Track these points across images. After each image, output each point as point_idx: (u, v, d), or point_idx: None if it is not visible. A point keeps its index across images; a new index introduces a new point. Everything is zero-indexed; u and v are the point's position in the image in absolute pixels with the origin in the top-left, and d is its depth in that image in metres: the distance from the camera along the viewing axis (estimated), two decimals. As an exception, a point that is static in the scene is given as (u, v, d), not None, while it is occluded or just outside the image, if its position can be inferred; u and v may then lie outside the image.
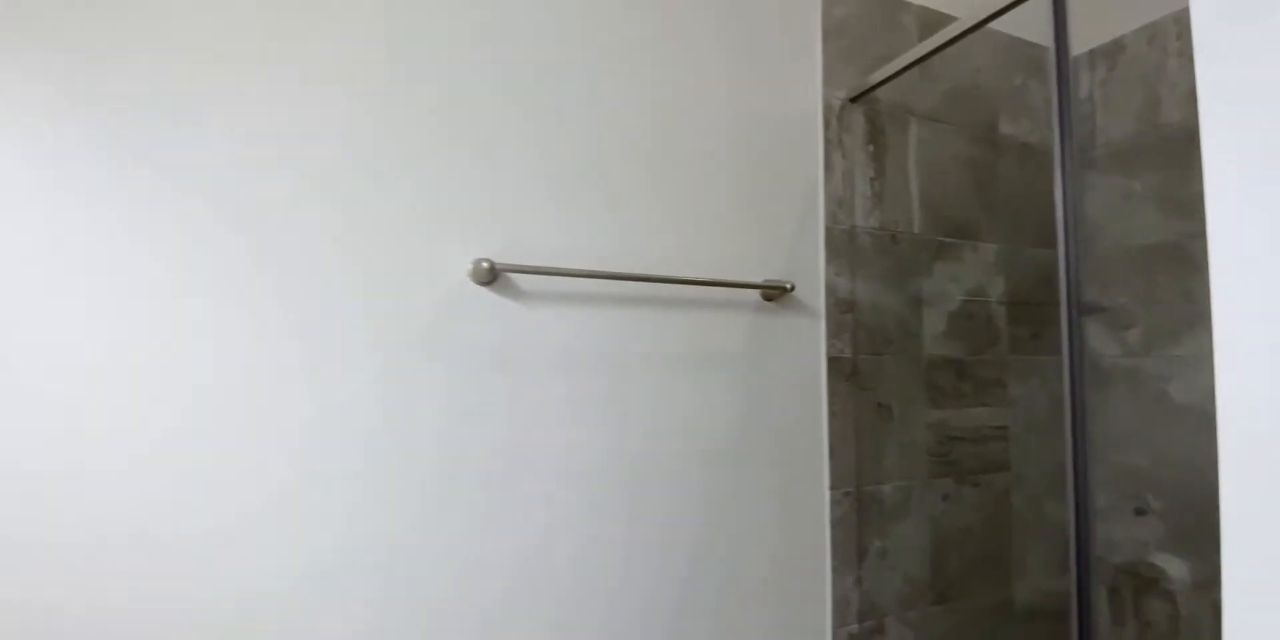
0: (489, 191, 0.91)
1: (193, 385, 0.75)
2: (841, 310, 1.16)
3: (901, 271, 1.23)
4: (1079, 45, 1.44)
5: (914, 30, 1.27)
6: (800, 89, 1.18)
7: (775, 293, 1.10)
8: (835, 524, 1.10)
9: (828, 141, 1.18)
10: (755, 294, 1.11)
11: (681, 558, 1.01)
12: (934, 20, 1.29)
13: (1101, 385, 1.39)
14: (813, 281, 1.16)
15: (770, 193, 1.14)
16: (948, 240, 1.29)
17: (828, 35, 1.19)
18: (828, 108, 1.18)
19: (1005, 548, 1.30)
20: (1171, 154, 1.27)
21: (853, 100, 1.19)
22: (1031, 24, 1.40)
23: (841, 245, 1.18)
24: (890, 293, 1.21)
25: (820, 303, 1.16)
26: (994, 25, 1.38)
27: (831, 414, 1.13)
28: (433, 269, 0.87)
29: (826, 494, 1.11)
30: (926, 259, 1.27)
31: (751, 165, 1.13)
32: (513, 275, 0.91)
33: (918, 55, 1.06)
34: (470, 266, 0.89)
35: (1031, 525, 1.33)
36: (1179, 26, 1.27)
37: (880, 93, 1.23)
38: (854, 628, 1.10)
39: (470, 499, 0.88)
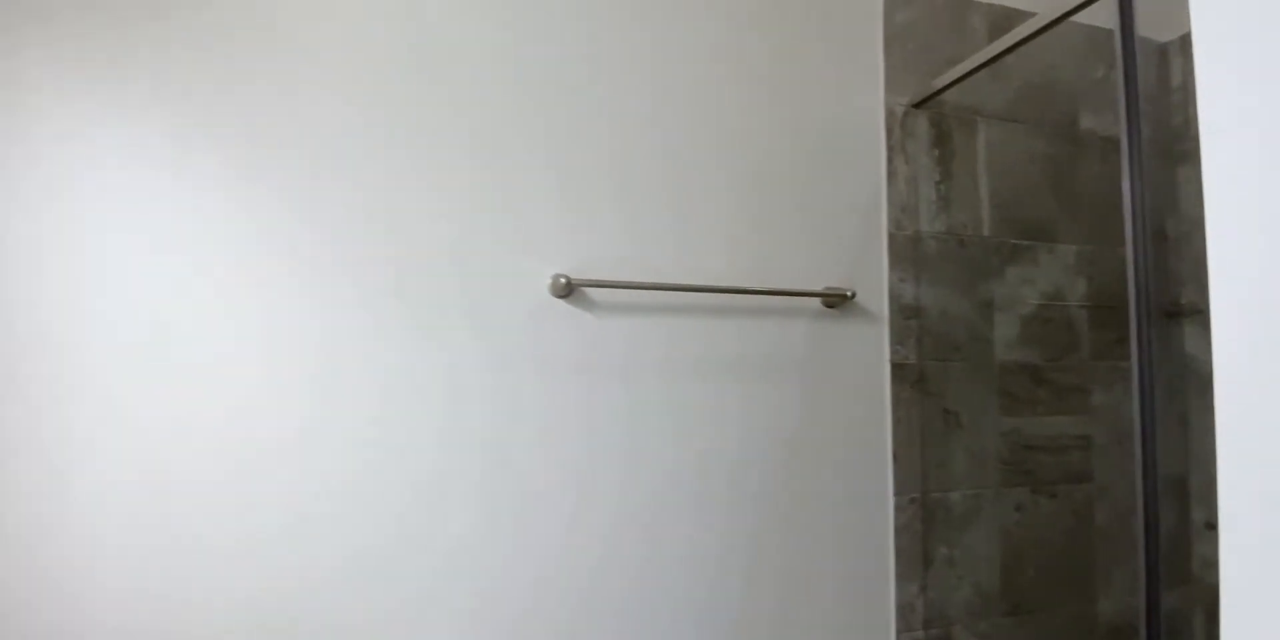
0: (565, 212, 0.99)
1: (323, 386, 0.87)
2: (905, 316, 1.16)
3: (970, 276, 1.21)
4: (1170, 31, 1.36)
5: (983, 30, 1.25)
6: (861, 97, 1.19)
7: (836, 300, 1.12)
8: (899, 530, 1.11)
9: (890, 148, 1.18)
10: (817, 301, 1.13)
11: (743, 558, 1.05)
12: (1004, 18, 1.26)
13: (1202, 392, 1.31)
14: (875, 288, 1.17)
15: (831, 201, 1.16)
16: (1021, 242, 1.26)
17: (889, 42, 1.19)
18: (890, 115, 1.19)
19: (1087, 561, 1.25)
20: (1279, 145, 1.17)
21: (916, 106, 1.19)
22: (1114, 12, 1.33)
23: (905, 251, 1.18)
24: (958, 298, 1.20)
25: (884, 309, 1.17)
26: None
27: (895, 420, 1.14)
28: (518, 283, 0.96)
29: (890, 500, 1.12)
30: (998, 262, 1.24)
31: (813, 175, 1.15)
32: (587, 289, 0.99)
33: (989, 55, 1.05)
34: (549, 281, 0.97)
35: (1117, 538, 1.27)
36: None
37: (946, 96, 1.22)
38: (919, 634, 1.10)
39: (542, 495, 0.96)
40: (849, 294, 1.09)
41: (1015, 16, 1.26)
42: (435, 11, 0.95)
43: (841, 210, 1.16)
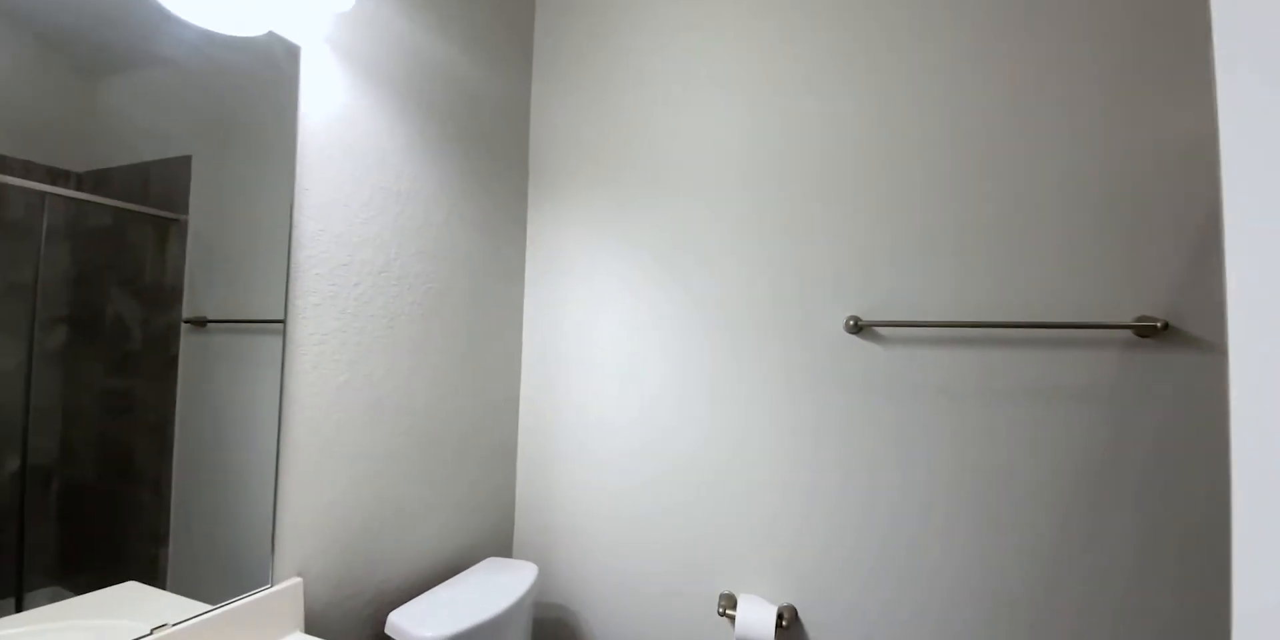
0: (857, 263, 1.30)
1: (683, 397, 1.40)
2: (1260, 345, 1.06)
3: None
4: None
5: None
6: (1190, 109, 1.13)
7: (1149, 330, 1.11)
8: (1249, 576, 1.02)
9: (1232, 162, 1.09)
10: (1128, 331, 1.14)
11: (1038, 589, 1.15)
12: None
13: None
14: (1213, 313, 1.10)
15: (1149, 226, 1.14)
16: None
17: (1226, 48, 1.10)
18: (1230, 125, 1.09)
19: None
20: None
21: (1271, 109, 1.06)
22: None
23: (1260, 272, 1.07)
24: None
25: (1225, 337, 1.08)
26: None
27: (1244, 458, 1.05)
28: (817, 323, 1.32)
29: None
30: None
31: (1126, 201, 1.15)
32: (876, 328, 1.27)
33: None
34: (843, 322, 1.30)
35: None
36: None
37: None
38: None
39: (835, 494, 1.28)
40: (1159, 324, 1.08)
41: None
42: (747, 134, 1.39)
43: (1162, 234, 1.13)
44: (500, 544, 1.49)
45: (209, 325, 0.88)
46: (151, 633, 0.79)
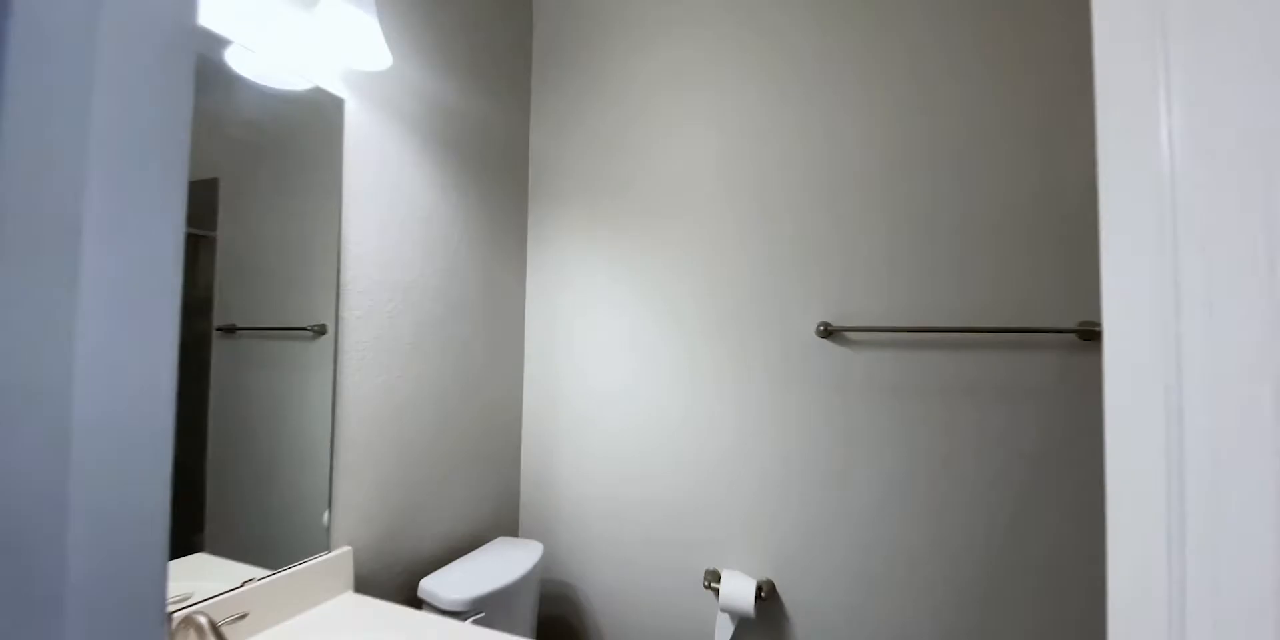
0: (828, 276, 1.44)
1: (668, 393, 1.56)
2: (1189, 348, 1.17)
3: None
4: None
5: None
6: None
7: (1091, 334, 1.23)
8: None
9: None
10: (1072, 334, 1.26)
11: (984, 568, 1.28)
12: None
13: None
14: (1150, 320, 1.21)
15: (1091, 239, 1.25)
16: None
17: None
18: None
19: None
20: None
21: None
22: None
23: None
24: None
25: (1160, 340, 1.20)
26: None
27: (1174, 450, 1.16)
28: (791, 328, 1.46)
29: (1165, 525, 1.16)
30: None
31: (1069, 216, 1.27)
32: (844, 332, 1.41)
33: None
34: (814, 327, 1.44)
35: None
36: None
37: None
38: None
39: (808, 481, 1.42)
40: (1099, 329, 1.20)
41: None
42: (726, 158, 1.54)
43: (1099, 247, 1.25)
44: (509, 525, 1.68)
45: (238, 332, 0.95)
46: (242, 585, 0.98)
